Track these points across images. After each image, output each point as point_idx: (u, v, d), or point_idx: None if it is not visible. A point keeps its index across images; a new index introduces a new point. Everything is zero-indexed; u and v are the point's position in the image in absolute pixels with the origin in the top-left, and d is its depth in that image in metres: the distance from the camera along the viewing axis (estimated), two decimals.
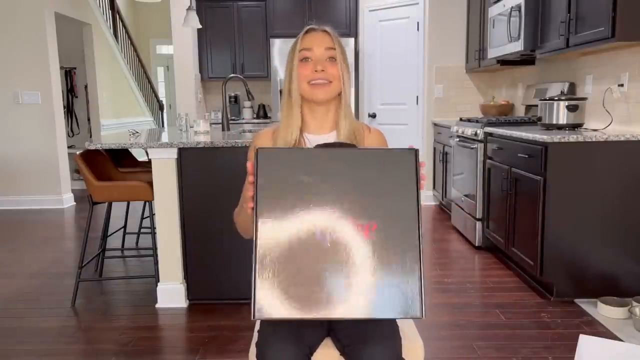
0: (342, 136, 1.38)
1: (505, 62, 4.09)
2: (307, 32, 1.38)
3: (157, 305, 2.77)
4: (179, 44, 5.82)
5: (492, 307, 2.69)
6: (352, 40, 5.66)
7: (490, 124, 3.54)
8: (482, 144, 3.58)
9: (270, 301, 1.08)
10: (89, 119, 6.66)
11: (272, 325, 1.22)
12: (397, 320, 1.28)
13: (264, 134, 1.43)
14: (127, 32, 7.61)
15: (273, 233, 1.08)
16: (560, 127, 3.02)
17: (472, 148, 3.73)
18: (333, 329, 1.31)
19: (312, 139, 1.38)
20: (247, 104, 6.23)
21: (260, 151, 1.09)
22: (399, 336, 1.25)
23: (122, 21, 7.45)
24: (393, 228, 1.09)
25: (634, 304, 2.51)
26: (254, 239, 1.08)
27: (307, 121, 1.40)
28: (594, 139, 2.61)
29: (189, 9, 4.40)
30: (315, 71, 1.32)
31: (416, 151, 1.11)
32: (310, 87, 1.33)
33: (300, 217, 1.08)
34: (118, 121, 6.96)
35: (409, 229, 1.09)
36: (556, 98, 3.04)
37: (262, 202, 1.08)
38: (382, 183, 1.10)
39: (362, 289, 1.08)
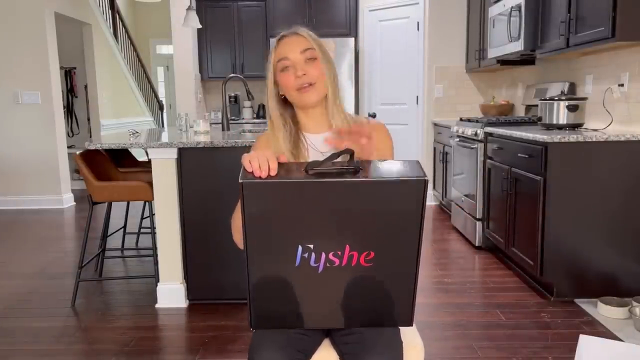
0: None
1: (505, 62, 4.09)
2: (279, 40, 1.33)
3: (157, 305, 2.77)
4: (179, 44, 5.82)
5: (492, 307, 2.69)
6: (352, 40, 5.66)
7: (490, 124, 3.54)
8: (482, 144, 3.58)
9: (266, 316, 1.10)
10: (89, 119, 6.66)
11: (265, 330, 1.20)
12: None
13: (265, 138, 1.40)
14: (127, 32, 7.61)
15: (266, 258, 1.04)
16: (560, 127, 3.02)
17: (472, 148, 3.73)
18: (332, 333, 1.29)
19: (311, 138, 1.37)
20: (247, 103, 6.23)
21: (245, 185, 0.98)
22: (401, 344, 1.22)
23: (122, 21, 7.45)
24: (390, 256, 1.05)
25: (634, 304, 2.51)
26: (246, 261, 1.05)
27: (304, 123, 1.38)
28: (594, 139, 2.61)
29: (189, 9, 4.39)
30: (297, 77, 1.29)
31: (425, 181, 0.99)
32: (298, 94, 1.31)
33: (293, 246, 1.02)
34: (118, 121, 6.96)
35: (407, 257, 1.05)
36: (556, 98, 3.04)
37: (251, 232, 1.02)
38: (383, 213, 1.01)
39: (354, 305, 1.10)
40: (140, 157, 3.67)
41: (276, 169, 1.02)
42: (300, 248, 1.02)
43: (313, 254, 1.03)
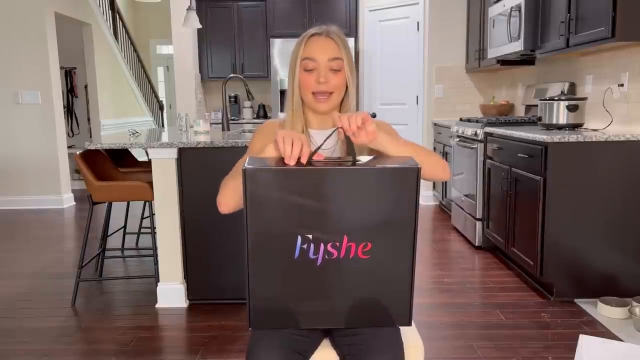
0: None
1: (505, 62, 4.09)
2: (311, 36, 1.33)
3: (157, 305, 2.77)
4: (179, 44, 5.82)
5: (492, 307, 2.69)
6: (352, 40, 5.67)
7: (490, 124, 3.54)
8: (482, 144, 3.58)
9: (265, 312, 1.10)
10: (89, 119, 6.66)
11: (264, 331, 1.19)
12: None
13: (271, 126, 1.43)
14: (127, 32, 7.61)
15: (266, 250, 1.06)
16: (560, 127, 3.02)
17: (472, 148, 3.73)
18: (332, 333, 1.29)
19: (315, 134, 1.40)
20: (247, 104, 6.23)
21: (248, 172, 1.01)
22: (402, 345, 1.22)
23: (122, 21, 7.45)
24: (387, 247, 1.07)
25: (634, 304, 2.51)
26: (246, 252, 1.06)
27: (310, 120, 1.41)
28: (594, 139, 2.61)
29: (189, 9, 4.39)
30: (319, 82, 1.30)
31: (418, 169, 1.04)
32: (313, 99, 1.33)
33: (293, 236, 1.04)
34: (118, 121, 6.96)
35: (404, 247, 1.08)
36: (556, 98, 3.04)
37: (252, 221, 1.04)
38: (379, 202, 1.04)
39: (353, 302, 1.11)
40: (140, 157, 3.67)
41: (307, 155, 1.06)
42: (299, 239, 1.05)
43: (312, 245, 1.05)
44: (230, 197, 1.28)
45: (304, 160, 1.06)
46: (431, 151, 1.30)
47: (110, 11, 7.05)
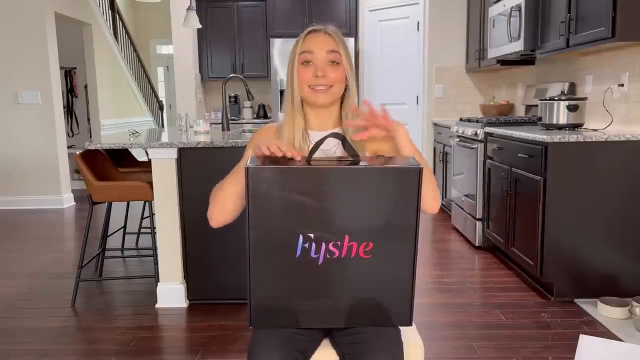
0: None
1: (505, 62, 4.09)
2: (309, 32, 1.35)
3: (157, 305, 2.77)
4: (179, 44, 5.82)
5: (492, 307, 2.69)
6: (352, 40, 5.67)
7: (490, 124, 3.54)
8: (482, 144, 3.58)
9: (266, 311, 1.10)
10: (89, 119, 6.66)
11: (264, 330, 1.19)
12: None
13: (267, 130, 1.42)
14: (127, 32, 7.61)
15: (267, 249, 1.06)
16: (560, 127, 3.02)
17: (472, 148, 3.73)
18: (332, 333, 1.29)
19: (314, 135, 1.38)
20: (247, 104, 6.23)
21: (251, 170, 1.02)
22: (402, 345, 1.22)
23: (122, 21, 7.45)
24: (388, 247, 1.07)
25: (634, 304, 2.51)
26: (248, 251, 1.06)
27: (310, 120, 1.39)
28: (594, 139, 2.61)
29: (189, 9, 4.39)
30: (316, 76, 1.30)
31: (420, 169, 1.04)
32: (311, 91, 1.32)
33: (295, 235, 1.05)
34: (118, 121, 6.96)
35: (405, 248, 1.07)
36: (556, 98, 3.04)
37: (254, 220, 1.04)
38: (380, 202, 1.04)
39: (354, 302, 1.11)
40: (140, 157, 3.67)
41: (299, 155, 1.09)
42: (301, 238, 1.05)
43: (313, 244, 1.05)
44: (219, 211, 1.30)
45: (298, 158, 1.07)
46: (433, 177, 1.29)
47: (110, 11, 7.05)
